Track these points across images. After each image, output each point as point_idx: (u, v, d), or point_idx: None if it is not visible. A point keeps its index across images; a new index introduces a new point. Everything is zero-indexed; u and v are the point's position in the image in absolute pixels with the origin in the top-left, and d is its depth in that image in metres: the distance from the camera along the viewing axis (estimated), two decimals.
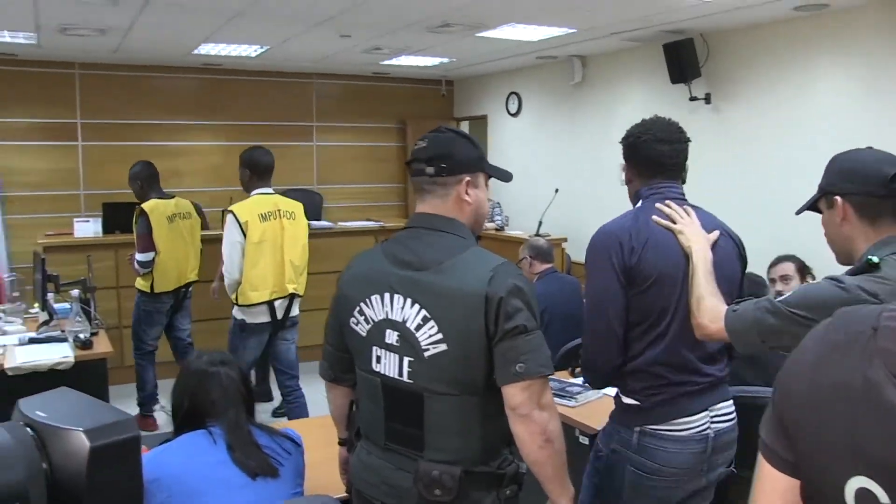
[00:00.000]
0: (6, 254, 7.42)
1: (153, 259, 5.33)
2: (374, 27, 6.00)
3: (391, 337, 1.92)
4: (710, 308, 2.07)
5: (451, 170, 1.97)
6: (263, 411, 5.77)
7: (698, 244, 2.21)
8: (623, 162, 2.50)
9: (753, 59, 5.89)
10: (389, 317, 1.92)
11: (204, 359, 2.26)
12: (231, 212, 4.64)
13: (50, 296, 4.95)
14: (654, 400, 2.26)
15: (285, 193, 6.36)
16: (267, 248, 4.65)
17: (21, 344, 4.38)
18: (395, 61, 7.79)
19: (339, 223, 7.67)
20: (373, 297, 1.95)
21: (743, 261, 2.44)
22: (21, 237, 7.45)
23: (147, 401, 5.67)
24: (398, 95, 9.41)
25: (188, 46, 6.94)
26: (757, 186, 5.82)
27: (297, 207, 4.90)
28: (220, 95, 8.52)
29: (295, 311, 4.93)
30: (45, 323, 4.75)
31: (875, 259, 1.83)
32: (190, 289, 5.73)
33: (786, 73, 5.66)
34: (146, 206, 5.36)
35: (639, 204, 2.40)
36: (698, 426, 2.26)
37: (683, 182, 2.45)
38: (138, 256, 5.32)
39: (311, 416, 5.43)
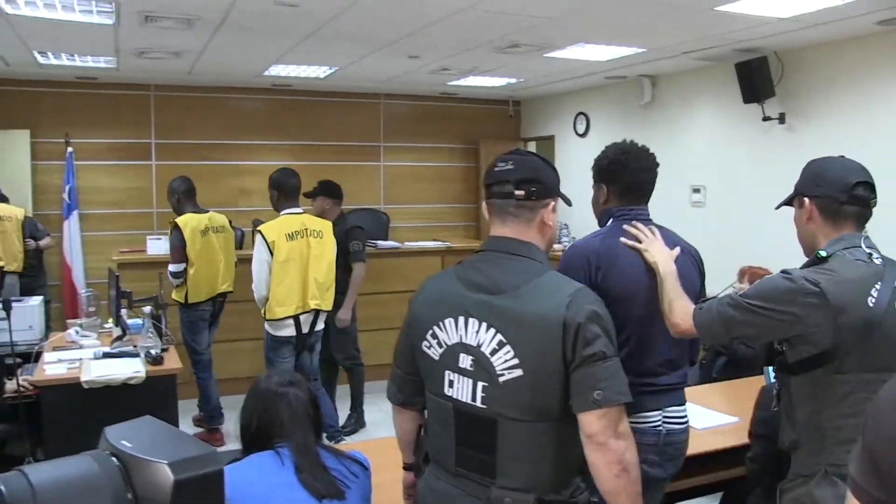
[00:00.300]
0: (83, 270, 7.65)
1: (184, 270, 5.47)
2: (442, 48, 6.02)
3: (465, 361, 1.88)
4: (680, 308, 2.29)
5: (539, 193, 1.94)
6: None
7: (662, 259, 2.41)
8: (601, 184, 2.69)
9: (831, 77, 5.72)
10: (463, 341, 1.89)
11: (274, 379, 2.26)
12: (259, 231, 4.89)
13: (123, 312, 5.06)
14: None
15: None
16: (293, 266, 4.90)
17: (96, 358, 4.49)
18: (462, 82, 7.81)
19: (406, 243, 7.69)
20: (446, 321, 1.92)
21: (700, 273, 2.64)
22: (97, 253, 7.68)
23: (214, 414, 5.74)
24: (465, 116, 9.42)
25: (259, 68, 7.07)
26: None
27: (326, 226, 5.14)
28: (289, 116, 8.66)
29: (320, 326, 5.17)
30: (119, 338, 4.86)
31: (823, 253, 2.10)
32: (225, 299, 5.84)
33: (866, 90, 5.48)
34: (180, 219, 5.53)
35: (609, 222, 2.62)
36: (652, 423, 2.47)
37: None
38: (171, 268, 5.47)
39: (374, 437, 5.44)
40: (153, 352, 4.45)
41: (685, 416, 2.59)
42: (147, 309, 4.91)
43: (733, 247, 6.01)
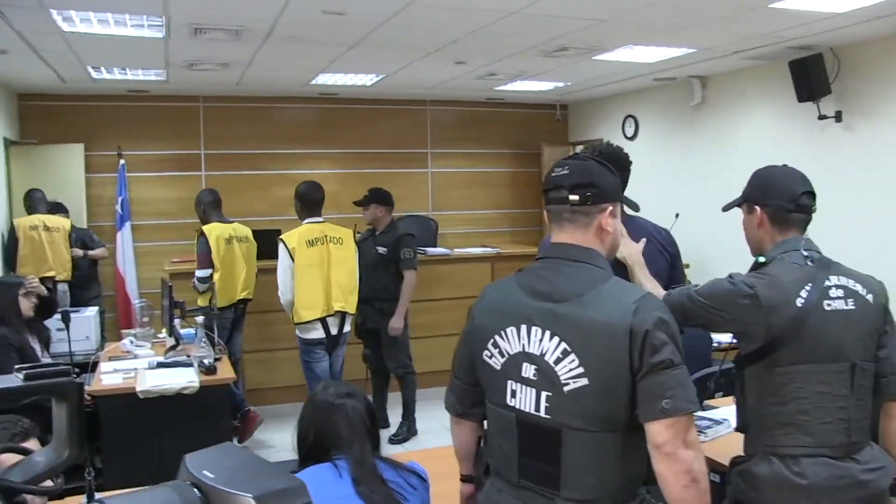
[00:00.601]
0: (136, 280, 7.76)
1: (211, 275, 5.66)
2: (489, 53, 5.98)
3: (528, 370, 1.84)
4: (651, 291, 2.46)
5: (595, 198, 1.90)
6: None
7: (629, 253, 2.64)
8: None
9: (890, 73, 5.54)
10: (526, 350, 1.85)
11: (330, 391, 2.23)
12: (281, 240, 5.18)
13: (176, 321, 5.10)
14: None
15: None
16: (315, 271, 5.15)
17: (150, 368, 4.54)
18: (509, 87, 7.76)
19: (455, 250, 7.65)
20: (508, 330, 1.88)
21: (669, 255, 2.95)
22: (149, 264, 7.79)
23: (239, 402, 5.76)
24: (512, 121, 9.35)
25: (306, 77, 7.11)
26: (894, 209, 5.46)
27: (346, 234, 5.38)
28: (336, 124, 8.68)
29: (346, 328, 5.37)
30: (172, 348, 4.90)
31: (762, 259, 2.38)
32: (246, 306, 6.04)
33: None
34: (206, 228, 5.79)
35: None
36: None
37: None
38: (198, 273, 5.67)
39: (426, 445, 5.42)
40: (206, 361, 4.47)
41: None
42: (200, 318, 4.94)
43: None
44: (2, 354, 4.30)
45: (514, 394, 1.87)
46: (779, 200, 2.39)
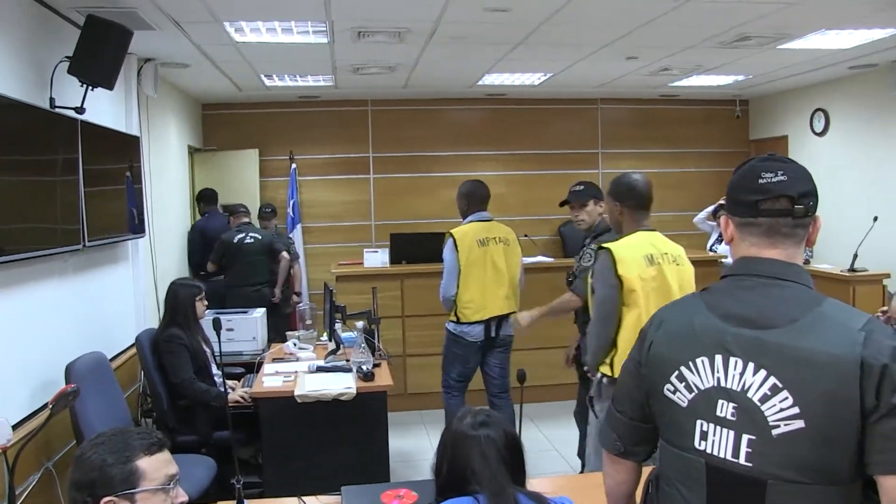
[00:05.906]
0: (305, 281, 7.95)
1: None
2: (663, 47, 5.64)
3: (724, 409, 1.56)
4: None
5: (815, 208, 1.63)
6: None
7: None
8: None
9: None
10: (722, 384, 1.57)
11: (466, 421, 2.04)
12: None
13: (338, 325, 5.11)
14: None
15: (567, 224, 6.17)
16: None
17: (310, 371, 4.55)
18: (684, 82, 7.33)
19: None
20: (699, 360, 1.61)
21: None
22: (317, 265, 7.97)
23: None
24: (687, 118, 8.85)
25: (472, 78, 7.02)
26: None
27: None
28: (504, 125, 8.55)
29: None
30: (333, 352, 4.90)
31: None
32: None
33: None
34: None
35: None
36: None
37: None
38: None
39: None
40: (365, 367, 4.42)
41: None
42: (360, 323, 4.92)
43: None
44: (177, 353, 4.47)
45: (704, 436, 1.60)
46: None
